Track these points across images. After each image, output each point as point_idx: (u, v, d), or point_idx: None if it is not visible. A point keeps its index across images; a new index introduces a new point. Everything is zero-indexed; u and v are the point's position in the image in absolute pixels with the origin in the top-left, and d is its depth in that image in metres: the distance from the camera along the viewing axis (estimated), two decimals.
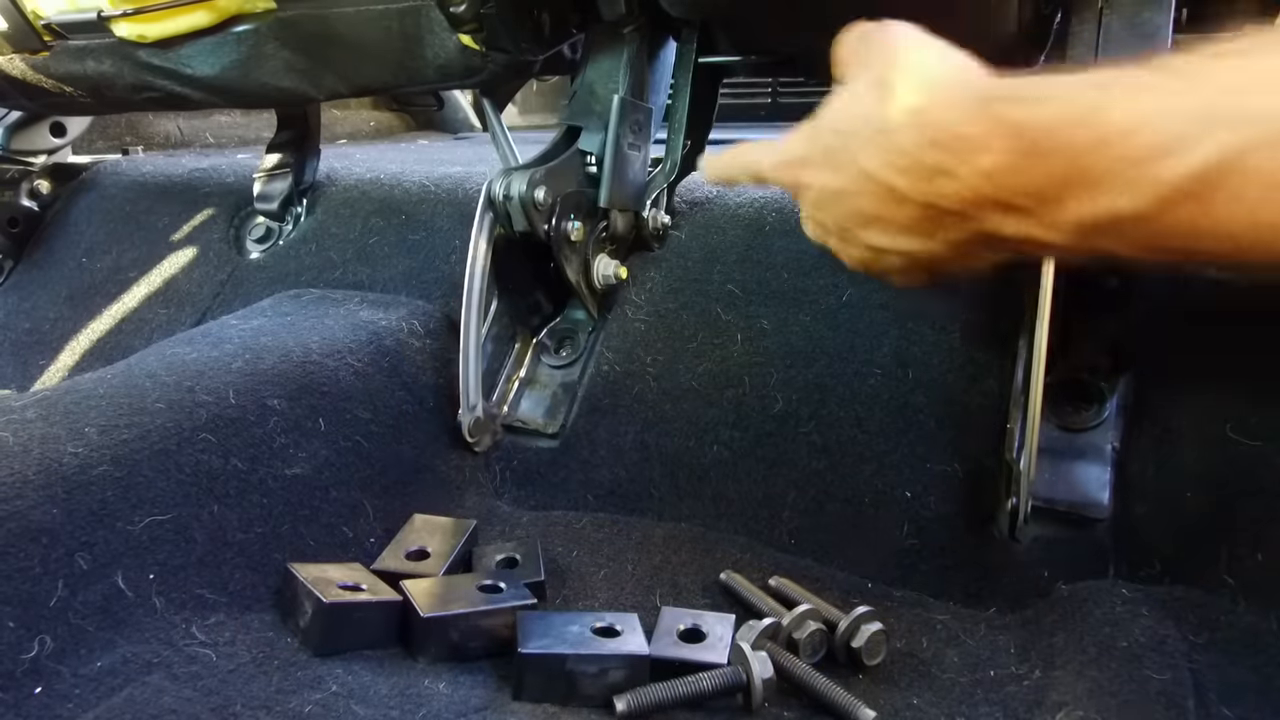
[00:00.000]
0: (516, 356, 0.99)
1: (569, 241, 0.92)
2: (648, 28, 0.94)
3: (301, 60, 1.00)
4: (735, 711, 0.60)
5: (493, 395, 0.96)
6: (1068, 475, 0.75)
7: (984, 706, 0.60)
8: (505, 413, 0.96)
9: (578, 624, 0.62)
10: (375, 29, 0.93)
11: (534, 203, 0.87)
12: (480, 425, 0.91)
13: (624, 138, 0.92)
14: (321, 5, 0.94)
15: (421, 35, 0.91)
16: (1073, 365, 0.79)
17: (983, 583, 0.74)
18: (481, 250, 0.89)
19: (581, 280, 0.95)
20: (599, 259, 0.96)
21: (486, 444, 0.93)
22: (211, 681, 0.58)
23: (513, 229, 0.89)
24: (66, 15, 1.02)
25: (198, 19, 0.98)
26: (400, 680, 0.60)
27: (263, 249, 1.25)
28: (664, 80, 0.99)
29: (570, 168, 0.92)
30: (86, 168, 1.50)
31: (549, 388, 0.97)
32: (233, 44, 1.00)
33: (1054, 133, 0.41)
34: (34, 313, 1.31)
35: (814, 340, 0.89)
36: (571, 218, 0.91)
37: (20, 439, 0.65)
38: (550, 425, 0.94)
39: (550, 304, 1.01)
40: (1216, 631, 0.62)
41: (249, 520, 0.71)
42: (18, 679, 0.54)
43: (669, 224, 1.01)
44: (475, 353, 0.89)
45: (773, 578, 0.74)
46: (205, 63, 1.01)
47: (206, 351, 0.83)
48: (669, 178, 1.00)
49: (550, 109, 2.32)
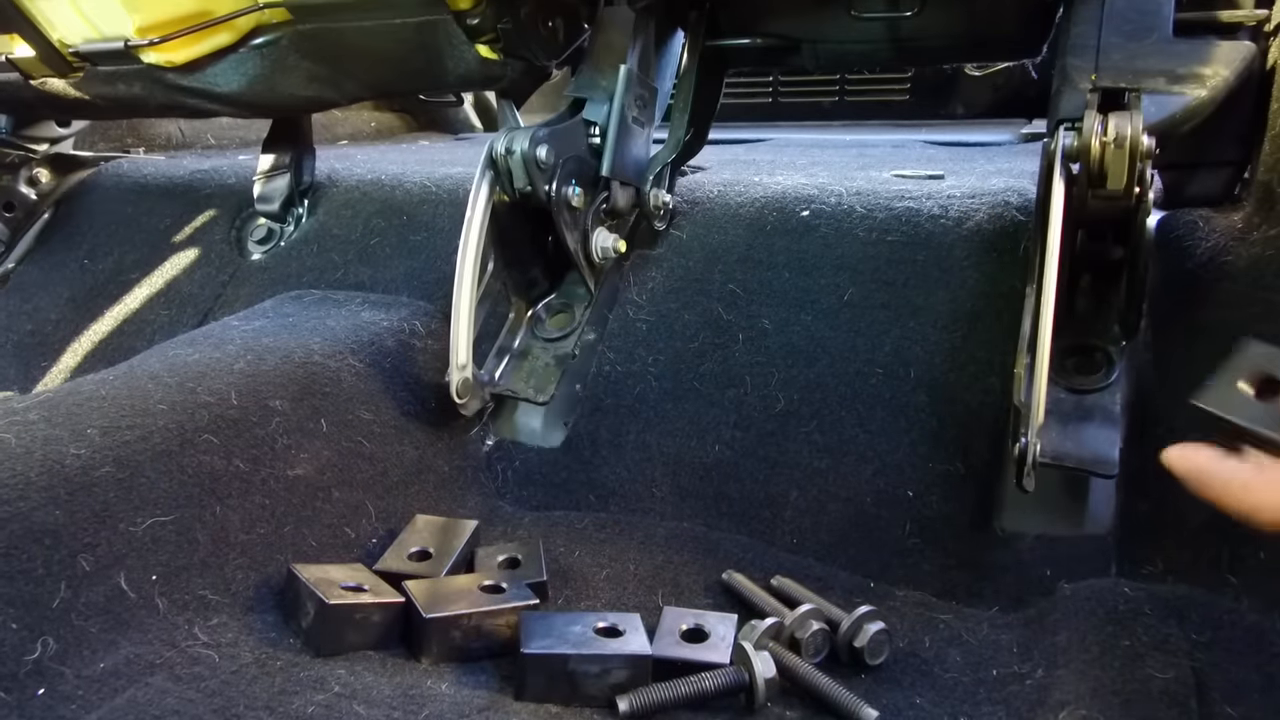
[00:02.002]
0: (510, 327, 0.99)
1: (569, 207, 0.90)
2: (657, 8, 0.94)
3: (323, 69, 1.01)
4: (738, 711, 0.60)
5: (484, 364, 0.95)
6: (1077, 434, 0.75)
7: (987, 706, 0.60)
8: (496, 381, 0.95)
9: (580, 624, 0.62)
10: (394, 41, 0.93)
11: (536, 161, 0.86)
12: (468, 387, 0.89)
13: (629, 109, 0.92)
14: (338, 19, 0.94)
15: (440, 46, 0.91)
16: (1080, 330, 0.79)
17: (985, 582, 0.74)
18: (480, 209, 0.88)
19: (580, 250, 0.94)
20: (598, 231, 0.95)
21: (474, 408, 0.91)
22: (214, 682, 0.58)
23: (513, 188, 0.88)
24: (93, 45, 1.03)
25: (220, 39, 1.00)
26: (403, 681, 0.60)
27: (264, 250, 1.25)
28: (670, 67, 1.00)
29: (574, 134, 0.91)
30: (87, 162, 1.50)
31: (540, 359, 0.96)
32: (255, 58, 1.01)
33: None
34: (36, 314, 1.32)
35: (815, 340, 0.89)
36: (573, 183, 0.90)
37: (23, 440, 0.65)
38: (540, 395, 0.93)
39: (546, 280, 1.00)
40: (1219, 630, 0.62)
41: (251, 521, 0.71)
42: (21, 680, 0.54)
43: (669, 203, 1.01)
44: (468, 314, 0.88)
45: (775, 577, 0.74)
46: (231, 79, 1.03)
47: (209, 353, 0.83)
48: (671, 154, 1.00)
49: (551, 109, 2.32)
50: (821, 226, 0.96)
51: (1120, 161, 0.70)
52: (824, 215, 0.97)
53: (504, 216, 0.91)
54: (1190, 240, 0.84)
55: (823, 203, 0.98)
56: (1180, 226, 0.86)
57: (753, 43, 0.99)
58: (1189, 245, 0.83)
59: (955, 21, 0.93)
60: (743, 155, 1.45)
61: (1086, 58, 0.75)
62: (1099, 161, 0.70)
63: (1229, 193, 0.88)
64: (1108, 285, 0.80)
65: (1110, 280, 0.79)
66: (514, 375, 0.96)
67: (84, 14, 1.01)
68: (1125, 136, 0.69)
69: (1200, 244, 0.83)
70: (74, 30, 1.03)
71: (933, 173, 1.14)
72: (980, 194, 0.94)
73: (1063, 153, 0.71)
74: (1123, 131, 0.69)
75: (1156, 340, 0.79)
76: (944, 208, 0.93)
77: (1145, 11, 0.76)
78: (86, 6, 1.00)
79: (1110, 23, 0.76)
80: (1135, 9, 0.76)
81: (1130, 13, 0.76)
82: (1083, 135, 0.70)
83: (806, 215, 0.97)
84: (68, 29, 1.04)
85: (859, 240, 0.93)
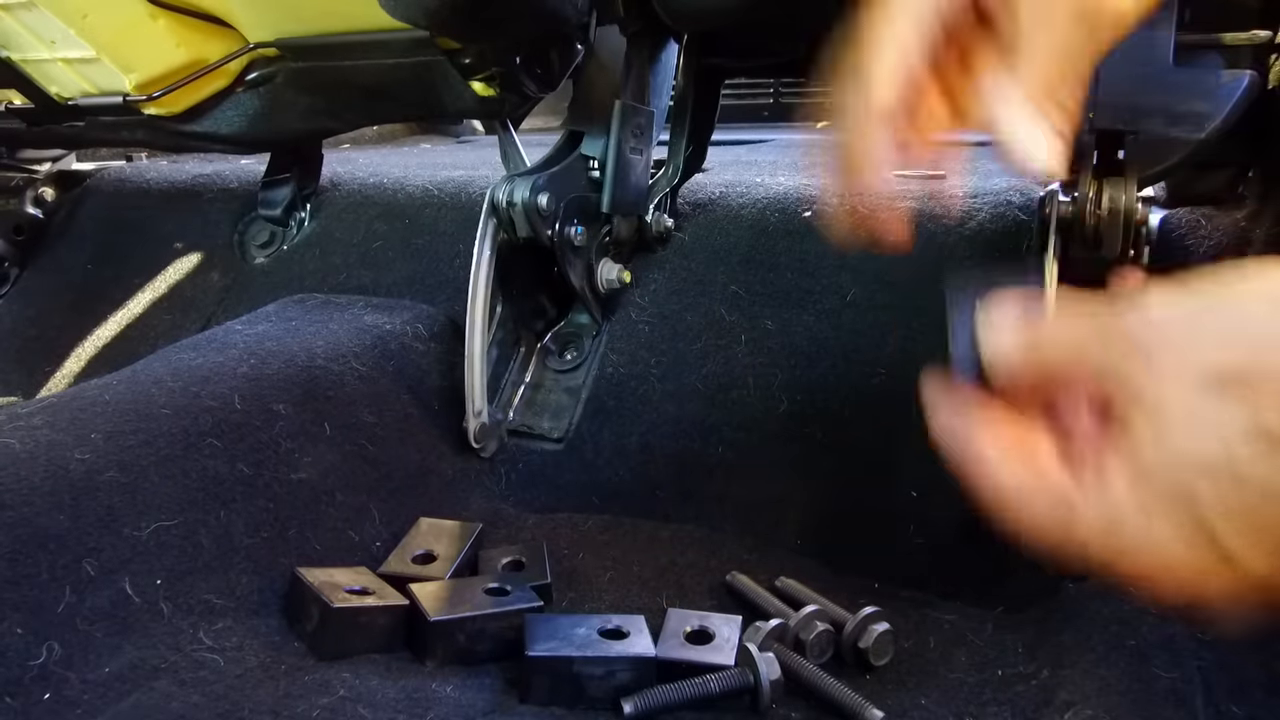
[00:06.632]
0: (521, 361, 0.99)
1: (572, 247, 0.91)
2: (649, 31, 0.94)
3: (321, 102, 1.02)
4: (743, 713, 0.60)
5: (498, 401, 0.96)
6: None
7: (992, 706, 0.60)
8: (510, 418, 0.96)
9: (584, 626, 0.62)
10: (390, 78, 0.94)
11: (537, 209, 0.87)
12: (486, 431, 0.91)
13: (626, 142, 0.92)
14: (331, 58, 0.95)
15: (435, 82, 0.91)
16: None
17: (990, 582, 0.73)
18: (485, 256, 0.89)
19: (585, 285, 0.95)
20: (602, 263, 0.96)
21: (492, 449, 0.93)
22: (219, 687, 0.58)
23: (516, 235, 0.89)
24: (92, 99, 1.04)
25: (217, 84, 1.01)
26: (408, 684, 0.60)
27: (267, 254, 1.26)
28: (666, 83, 0.99)
29: (573, 173, 0.92)
30: (91, 174, 1.50)
31: (553, 392, 0.97)
32: (253, 98, 1.02)
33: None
34: (39, 319, 1.32)
35: (818, 340, 0.89)
36: (575, 223, 0.91)
37: (27, 445, 0.65)
38: (555, 430, 0.94)
39: (554, 308, 1.01)
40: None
41: (255, 525, 0.71)
42: (26, 685, 0.54)
43: (672, 227, 1.01)
44: (480, 358, 0.89)
45: (779, 578, 0.74)
46: (232, 121, 1.04)
47: (212, 357, 0.83)
48: (671, 181, 1.00)
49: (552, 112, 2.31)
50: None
51: (1115, 230, 0.71)
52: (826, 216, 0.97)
53: (508, 254, 0.92)
54: (1192, 239, 0.84)
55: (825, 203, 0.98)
56: (1182, 225, 0.86)
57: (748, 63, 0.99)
58: (1191, 244, 0.83)
59: None
60: (745, 156, 1.45)
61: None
62: (1094, 230, 0.72)
63: (1232, 191, 0.88)
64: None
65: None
66: (528, 410, 0.97)
67: (79, 73, 1.02)
68: (1119, 209, 0.70)
69: (1203, 243, 0.82)
70: (70, 86, 1.05)
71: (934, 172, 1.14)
72: (982, 193, 0.94)
73: (1057, 221, 0.72)
74: (1117, 204, 0.70)
75: None
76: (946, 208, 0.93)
77: (1145, 35, 0.75)
78: (81, 66, 1.01)
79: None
80: (1135, 33, 0.76)
81: (1130, 36, 0.76)
82: (1077, 204, 0.72)
83: (809, 216, 0.97)
84: (64, 85, 1.05)
85: None
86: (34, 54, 1.02)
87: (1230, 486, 0.29)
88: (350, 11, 0.88)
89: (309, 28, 0.93)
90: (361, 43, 0.91)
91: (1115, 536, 0.32)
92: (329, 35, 0.92)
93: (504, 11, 0.77)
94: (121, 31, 0.95)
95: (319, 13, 0.91)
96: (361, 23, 0.89)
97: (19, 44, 1.01)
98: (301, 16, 0.92)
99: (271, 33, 0.95)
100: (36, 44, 1.00)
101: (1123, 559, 0.32)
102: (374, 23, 0.86)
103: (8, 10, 0.96)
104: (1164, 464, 0.31)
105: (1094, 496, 0.32)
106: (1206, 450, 0.29)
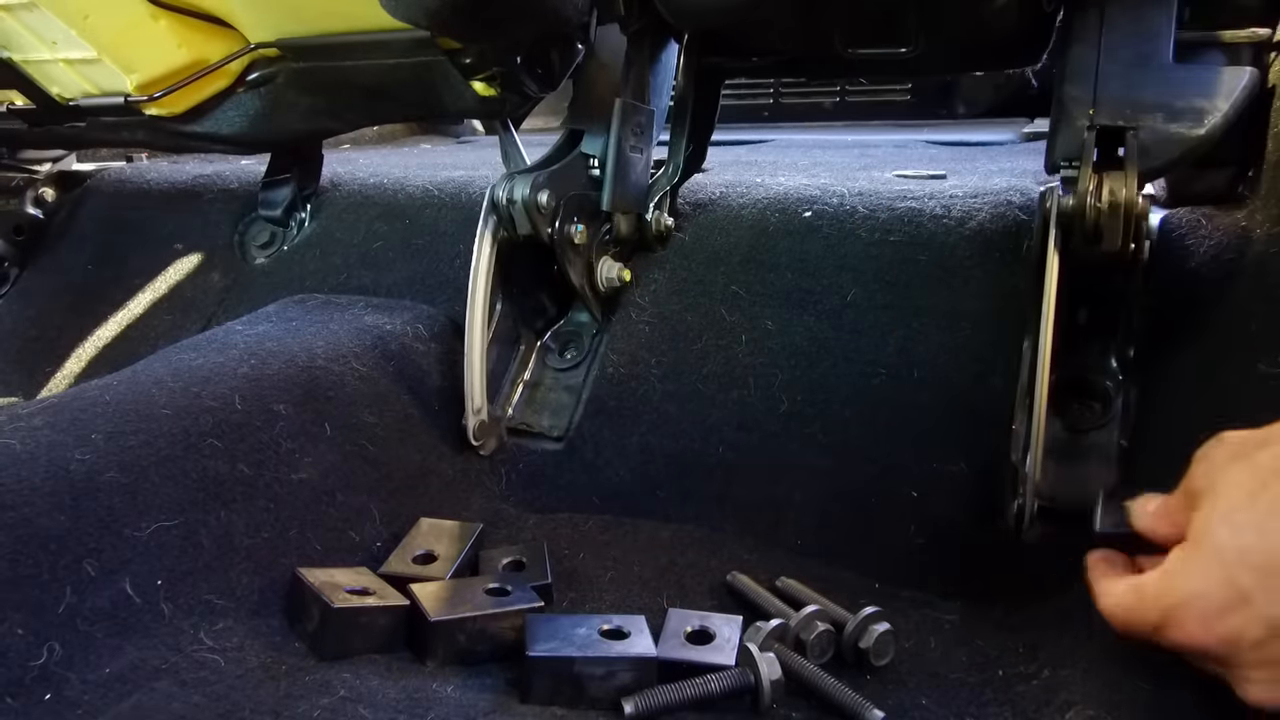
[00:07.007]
0: (521, 359, 0.99)
1: (572, 245, 0.92)
2: (650, 30, 0.94)
3: (322, 103, 1.02)
4: (744, 713, 0.60)
5: (497, 399, 0.96)
6: (1074, 475, 0.75)
7: (993, 706, 0.60)
8: (510, 416, 0.96)
9: (585, 626, 0.62)
10: (391, 78, 0.94)
11: (537, 206, 0.87)
12: (485, 429, 0.91)
13: (626, 141, 0.92)
14: (331, 59, 0.95)
15: (436, 82, 0.91)
16: (1079, 364, 0.79)
17: (990, 582, 0.74)
18: (485, 254, 0.89)
19: (585, 283, 0.95)
20: (602, 261, 0.96)
21: (492, 447, 0.93)
22: (219, 687, 0.58)
23: (516, 233, 0.89)
24: (93, 100, 1.04)
25: (217, 84, 1.01)
26: (408, 684, 0.60)
27: (267, 254, 1.26)
28: (666, 83, 0.99)
29: (573, 171, 0.92)
30: (91, 175, 1.50)
31: (553, 391, 0.97)
32: (254, 98, 1.02)
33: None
34: (40, 320, 1.32)
35: (818, 340, 0.89)
36: (575, 220, 0.91)
37: (27, 446, 0.65)
38: (555, 428, 0.94)
39: (554, 306, 1.01)
40: None
41: (256, 525, 0.71)
42: (27, 686, 0.54)
43: (672, 225, 1.01)
44: (480, 356, 0.89)
45: (780, 579, 0.74)
46: (233, 121, 1.04)
47: (212, 357, 0.83)
48: (672, 180, 1.00)
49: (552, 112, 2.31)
50: (824, 227, 0.96)
51: (1115, 224, 0.71)
52: (826, 216, 0.97)
53: (508, 252, 0.92)
54: (1193, 239, 0.83)
55: (825, 203, 0.98)
56: (1183, 225, 0.86)
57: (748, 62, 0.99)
58: (1191, 244, 0.83)
59: (952, 53, 0.95)
60: (745, 156, 1.45)
61: (1084, 87, 0.75)
62: (1094, 224, 0.71)
63: (1233, 190, 0.88)
64: (1106, 317, 0.80)
65: (1109, 312, 0.80)
66: (528, 408, 0.97)
67: (80, 73, 1.02)
68: (1120, 203, 0.70)
69: (1203, 242, 0.82)
70: (71, 86, 1.05)
71: (935, 173, 1.14)
72: (982, 194, 0.94)
73: (1057, 215, 0.72)
74: (1118, 197, 0.70)
75: (1156, 341, 0.79)
76: (946, 208, 0.93)
77: (1145, 32, 0.75)
78: (82, 67, 1.01)
79: (1109, 42, 0.76)
80: (1135, 27, 0.76)
81: (1130, 34, 0.76)
82: (1077, 197, 0.71)
83: (809, 216, 0.97)
84: (65, 86, 1.05)
85: (862, 241, 0.93)
86: (35, 54, 1.02)
87: None
88: (351, 11, 0.88)
89: (310, 28, 0.93)
90: (362, 43, 0.91)
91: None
92: (330, 35, 0.92)
93: (505, 11, 0.77)
94: (123, 32, 0.95)
95: (320, 13, 0.91)
96: (362, 23, 0.89)
97: (20, 45, 1.01)
98: (302, 17, 0.92)
99: (272, 33, 0.95)
100: (38, 45, 1.00)
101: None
102: (375, 23, 0.86)
103: (9, 11, 0.97)
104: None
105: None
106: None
